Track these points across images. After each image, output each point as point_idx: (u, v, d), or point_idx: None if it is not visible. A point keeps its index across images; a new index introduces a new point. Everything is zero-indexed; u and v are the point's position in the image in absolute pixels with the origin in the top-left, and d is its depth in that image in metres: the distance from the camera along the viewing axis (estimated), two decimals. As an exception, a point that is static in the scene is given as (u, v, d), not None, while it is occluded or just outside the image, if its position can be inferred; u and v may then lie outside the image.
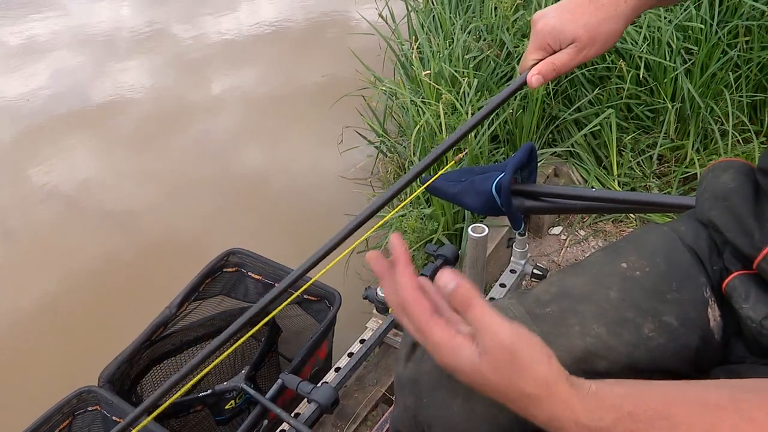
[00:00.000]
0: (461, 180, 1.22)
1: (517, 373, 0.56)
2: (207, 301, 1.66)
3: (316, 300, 1.59)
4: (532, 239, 2.22)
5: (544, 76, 0.89)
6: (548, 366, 0.56)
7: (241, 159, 3.15)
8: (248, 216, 2.74)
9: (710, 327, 0.73)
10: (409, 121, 2.41)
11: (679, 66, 2.26)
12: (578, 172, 2.33)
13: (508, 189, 1.13)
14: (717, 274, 0.75)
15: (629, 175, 2.32)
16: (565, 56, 0.89)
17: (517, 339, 0.56)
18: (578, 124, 2.40)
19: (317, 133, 3.23)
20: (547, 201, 1.17)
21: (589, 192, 1.21)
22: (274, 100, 3.63)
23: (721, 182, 0.77)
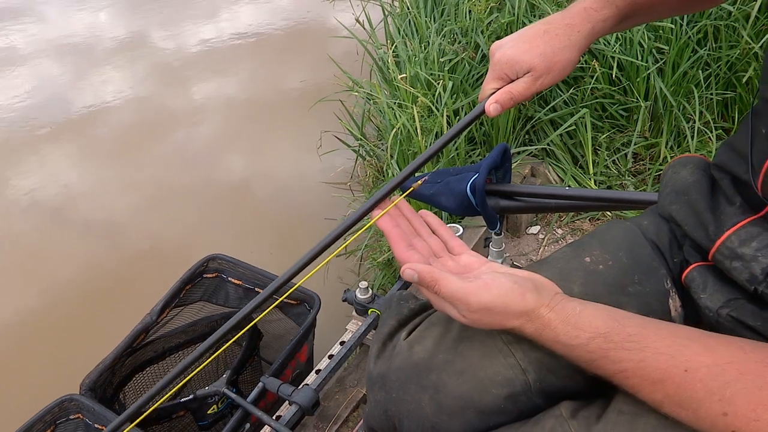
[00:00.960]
0: (437, 181, 1.23)
1: (498, 318, 0.66)
2: (188, 307, 1.66)
3: (296, 304, 1.60)
4: (511, 239, 2.25)
5: (501, 105, 0.91)
6: (522, 301, 0.65)
7: (222, 165, 3.15)
8: (229, 222, 2.74)
9: (672, 317, 0.76)
10: (387, 125, 2.42)
11: (651, 65, 2.30)
12: (555, 172, 2.35)
13: (482, 189, 1.14)
14: (677, 266, 0.78)
15: (605, 173, 2.35)
16: (522, 85, 0.91)
17: (485, 296, 0.65)
18: (554, 124, 2.43)
19: (297, 138, 3.24)
20: (522, 200, 1.19)
21: (562, 191, 1.23)
22: (254, 106, 3.63)
23: (680, 178, 0.79)
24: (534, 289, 0.67)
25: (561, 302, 0.66)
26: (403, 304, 0.83)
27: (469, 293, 0.65)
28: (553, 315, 0.64)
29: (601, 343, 0.62)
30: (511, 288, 0.66)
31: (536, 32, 0.92)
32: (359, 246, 2.27)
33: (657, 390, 0.59)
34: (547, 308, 0.65)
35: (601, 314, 0.64)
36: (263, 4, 4.91)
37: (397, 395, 0.73)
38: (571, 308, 0.65)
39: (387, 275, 2.14)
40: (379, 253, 2.14)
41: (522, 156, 2.35)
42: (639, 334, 0.61)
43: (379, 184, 2.60)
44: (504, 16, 2.45)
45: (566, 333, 0.63)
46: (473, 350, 0.72)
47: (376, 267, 2.19)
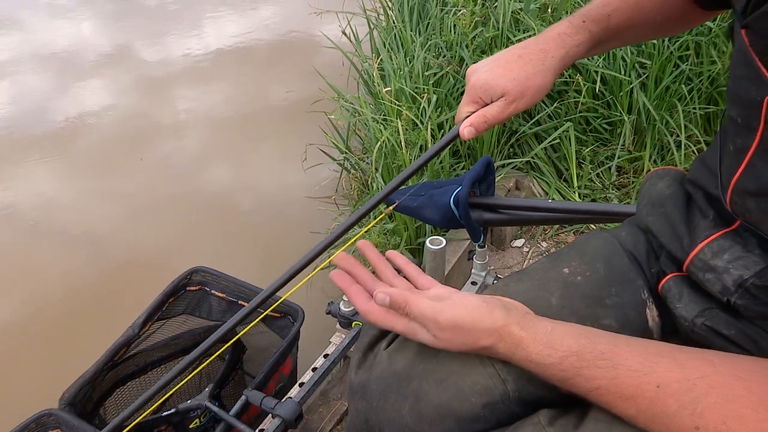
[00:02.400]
0: (420, 194, 1.25)
1: (469, 337, 0.68)
2: (171, 321, 1.66)
3: (279, 316, 1.61)
4: (495, 252, 2.27)
5: (476, 128, 0.94)
6: (491, 318, 0.67)
7: (206, 178, 3.15)
8: (213, 235, 2.74)
9: (649, 327, 0.77)
10: (372, 138, 2.45)
11: (634, 79, 2.35)
12: (539, 185, 2.38)
13: (466, 202, 1.16)
14: (654, 276, 0.80)
15: (589, 186, 2.38)
16: (496, 109, 0.94)
17: (454, 313, 0.68)
18: (538, 137, 2.47)
19: (282, 151, 3.25)
20: (506, 213, 1.21)
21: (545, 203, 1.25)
22: (239, 118, 3.64)
23: (657, 190, 0.81)
24: (502, 306, 0.69)
25: (532, 321, 0.68)
26: None
27: (438, 311, 0.68)
28: (525, 333, 0.66)
29: (574, 362, 0.63)
30: (479, 305, 0.68)
31: (511, 57, 0.94)
32: (344, 259, 2.28)
33: (630, 406, 0.61)
34: (517, 326, 0.67)
35: (572, 332, 0.66)
36: (248, 17, 4.94)
37: (378, 404, 0.74)
38: (542, 327, 0.67)
39: (371, 288, 2.15)
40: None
41: (506, 169, 2.38)
42: (611, 352, 0.63)
43: (363, 197, 2.62)
44: (488, 31, 2.49)
45: (539, 352, 0.65)
46: (453, 359, 0.74)
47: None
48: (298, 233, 2.59)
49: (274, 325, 1.63)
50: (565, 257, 0.82)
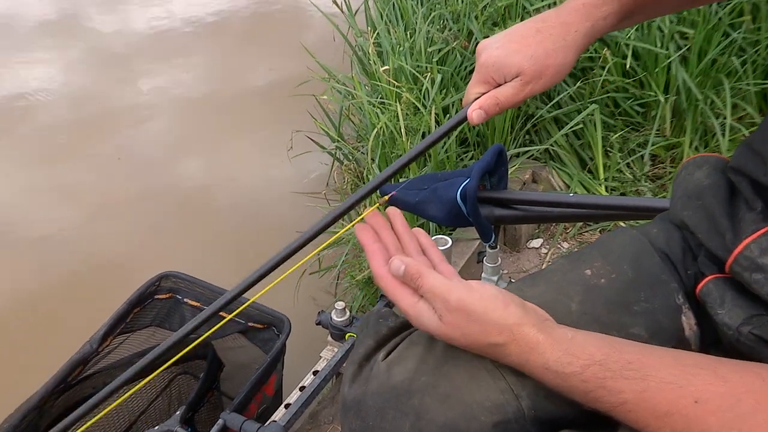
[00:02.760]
0: (423, 188, 1.25)
1: (476, 328, 0.68)
2: (136, 334, 1.66)
3: (262, 328, 1.61)
4: (509, 254, 2.28)
5: (486, 112, 0.95)
6: (505, 311, 0.68)
7: (176, 171, 3.15)
8: (185, 236, 2.75)
9: (685, 336, 0.78)
10: (367, 124, 2.45)
11: (673, 53, 2.30)
12: (559, 177, 2.39)
13: (474, 196, 1.16)
14: (691, 278, 0.80)
15: (618, 178, 2.38)
16: (510, 90, 0.94)
17: (467, 296, 0.69)
18: (558, 122, 2.47)
19: (264, 139, 3.25)
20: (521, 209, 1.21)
21: (566, 197, 1.26)
22: (213, 101, 3.64)
23: (694, 180, 0.82)
24: (520, 304, 0.70)
25: (551, 325, 0.68)
26: (382, 322, 0.85)
27: (449, 289, 0.70)
28: (542, 337, 0.66)
29: (597, 372, 0.63)
30: (494, 295, 0.69)
31: (527, 31, 0.94)
32: (335, 262, 2.29)
33: (663, 425, 0.61)
34: (534, 328, 0.67)
35: (595, 340, 0.66)
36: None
37: (374, 423, 0.75)
38: (562, 333, 0.67)
39: (367, 295, 2.16)
40: (358, 271, 2.16)
41: (521, 159, 2.39)
42: (639, 362, 0.63)
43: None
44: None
45: (557, 359, 0.65)
46: (459, 372, 0.74)
47: (354, 286, 2.21)
48: (282, 233, 2.59)
49: (256, 338, 1.64)
50: (587, 257, 0.83)
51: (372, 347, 0.82)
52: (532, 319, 0.68)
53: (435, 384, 0.74)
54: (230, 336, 1.69)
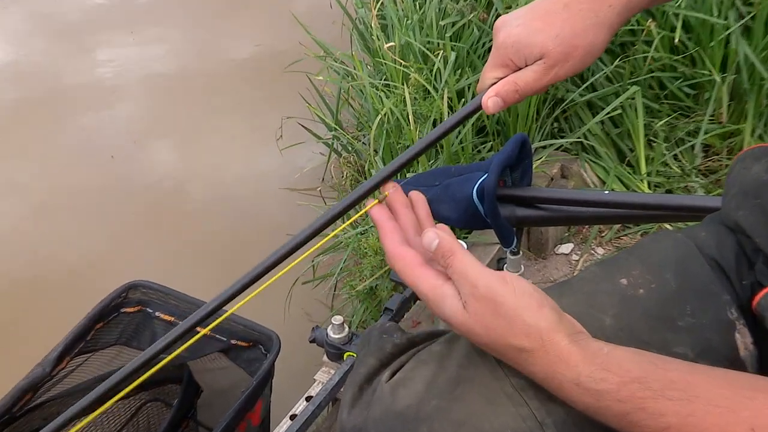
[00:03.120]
0: (434, 184, 1.26)
1: (502, 324, 0.70)
2: (98, 354, 1.65)
3: (247, 346, 1.62)
4: (534, 261, 2.29)
5: (503, 99, 0.95)
6: (538, 313, 0.69)
7: (143, 163, 3.16)
8: (156, 239, 2.75)
9: (740, 357, 0.77)
10: (369, 110, 2.46)
11: (733, 23, 2.28)
12: (593, 171, 2.40)
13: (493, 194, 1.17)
14: (747, 289, 0.80)
15: (663, 173, 2.39)
16: (531, 75, 0.94)
17: (498, 286, 0.70)
18: (592, 107, 2.48)
19: (249, 127, 3.26)
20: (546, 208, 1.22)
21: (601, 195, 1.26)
22: (187, 81, 3.64)
23: (752, 174, 0.82)
24: (555, 309, 0.71)
25: (585, 339, 0.69)
26: (386, 338, 0.85)
27: (482, 275, 0.72)
28: (575, 348, 0.67)
29: (636, 390, 0.64)
30: (529, 292, 0.71)
31: (554, 6, 0.94)
32: (332, 270, 2.30)
33: None
34: (567, 337, 0.68)
35: (634, 356, 0.67)
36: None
37: None
38: (596, 346, 0.68)
39: (369, 308, 2.17)
40: (358, 280, 2.17)
41: (548, 151, 2.40)
42: (684, 381, 0.64)
43: (359, 188, 2.64)
44: (526, -36, 2.51)
45: (590, 374, 0.66)
46: (475, 395, 0.75)
47: (354, 298, 2.22)
48: (271, 236, 2.60)
49: (240, 358, 1.65)
50: (624, 264, 0.83)
51: (375, 367, 0.83)
52: (566, 327, 0.69)
53: (447, 409, 0.75)
54: (209, 356, 1.69)
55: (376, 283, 2.12)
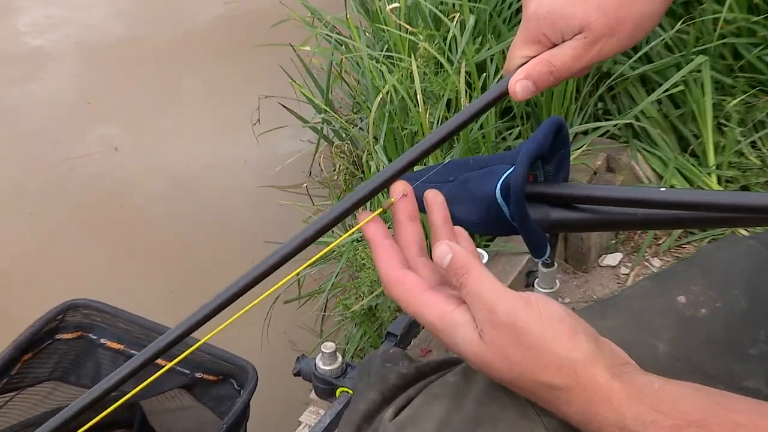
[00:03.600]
0: (447, 179, 1.27)
1: (527, 357, 0.70)
2: (26, 393, 1.64)
3: (215, 380, 1.63)
4: (572, 275, 2.30)
5: (535, 83, 0.95)
6: (570, 342, 0.70)
7: (81, 151, 3.18)
8: (101, 249, 2.76)
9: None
10: (368, 87, 2.47)
11: None
12: (647, 163, 2.41)
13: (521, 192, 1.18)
14: None
15: (737, 164, 2.40)
16: (569, 53, 0.94)
17: (521, 310, 0.71)
18: (647, 82, 2.49)
19: (216, 107, 3.27)
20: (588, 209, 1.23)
21: (657, 193, 1.26)
22: (137, 49, 3.66)
23: None
24: (592, 335, 0.71)
25: (630, 371, 0.70)
26: (390, 367, 0.86)
27: (501, 298, 0.72)
28: (618, 384, 0.68)
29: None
30: (560, 317, 0.71)
31: None
32: (322, 286, 2.31)
33: None
34: (607, 371, 0.68)
35: (692, 393, 0.68)
36: None
37: None
38: (645, 381, 0.69)
39: (367, 333, 2.17)
40: (354, 298, 2.17)
41: (591, 137, 2.41)
42: (754, 425, 0.64)
43: (355, 184, 2.64)
44: None
45: (637, 416, 0.66)
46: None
47: (348, 320, 2.23)
48: (245, 245, 2.62)
49: (207, 395, 1.65)
50: (682, 278, 0.84)
51: (376, 402, 0.84)
52: (606, 358, 0.70)
53: None
54: (168, 393, 1.71)
55: (375, 301, 2.12)
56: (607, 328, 0.80)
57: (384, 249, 0.83)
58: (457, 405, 0.80)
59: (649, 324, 0.82)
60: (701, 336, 0.81)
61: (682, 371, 0.78)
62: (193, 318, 0.88)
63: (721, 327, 0.81)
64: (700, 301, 0.82)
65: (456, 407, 0.79)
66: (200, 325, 0.88)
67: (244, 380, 1.58)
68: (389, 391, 0.85)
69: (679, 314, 0.82)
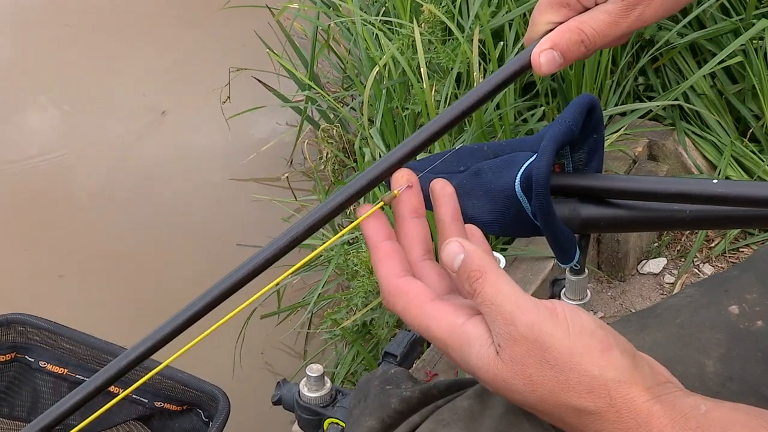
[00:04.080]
0: (458, 170, 1.28)
1: (553, 376, 0.71)
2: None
3: (179, 410, 1.64)
4: (607, 284, 2.32)
5: (563, 53, 0.94)
6: (603, 360, 0.71)
7: (5, 135, 3.20)
8: (35, 255, 2.77)
9: None
10: (362, 59, 2.48)
11: None
12: (698, 150, 2.43)
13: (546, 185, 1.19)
14: None
15: (809, 153, 2.42)
16: (603, 18, 0.93)
17: (545, 323, 0.72)
18: (697, 52, 2.51)
19: (177, 82, 3.29)
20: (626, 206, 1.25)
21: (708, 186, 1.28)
22: (83, 13, 3.66)
23: None
24: (629, 351, 0.72)
25: (673, 393, 0.71)
26: (391, 390, 0.88)
27: (523, 308, 0.73)
28: (659, 408, 0.69)
29: None
30: (591, 329, 0.72)
31: None
32: (306, 297, 2.33)
33: None
34: (646, 392, 0.70)
35: (744, 418, 0.69)
36: None
37: None
38: (690, 403, 0.70)
39: (361, 354, 2.18)
40: (345, 312, 2.18)
41: (630, 119, 2.43)
42: None
43: (346, 175, 2.66)
44: None
45: None
46: None
47: (339, 339, 2.23)
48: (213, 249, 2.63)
49: (169, 428, 1.67)
50: (734, 285, 0.86)
51: (375, 430, 0.86)
52: (645, 377, 0.71)
53: None
54: (122, 426, 1.72)
55: (371, 316, 2.13)
56: (646, 344, 0.82)
57: (385, 252, 0.83)
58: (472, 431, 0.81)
59: (696, 338, 0.83)
60: (757, 352, 0.82)
61: (734, 393, 0.80)
62: (154, 336, 0.87)
63: None
64: (757, 312, 0.84)
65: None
66: (163, 344, 0.88)
67: (213, 410, 1.59)
68: (390, 418, 0.86)
69: (731, 327, 0.84)
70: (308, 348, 2.38)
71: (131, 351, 0.87)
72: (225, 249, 2.56)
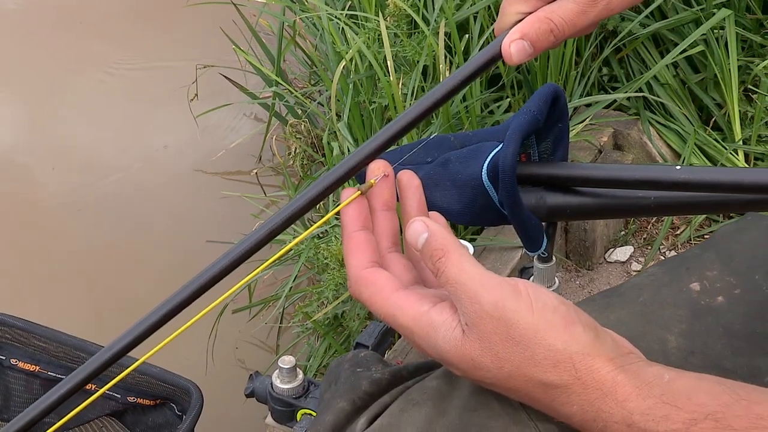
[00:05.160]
0: (425, 161, 1.29)
1: (518, 352, 0.72)
2: None
3: (152, 404, 1.64)
4: (575, 272, 2.34)
5: (533, 43, 0.94)
6: (567, 334, 0.72)
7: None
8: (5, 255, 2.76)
9: None
10: (329, 53, 2.49)
11: None
12: (662, 139, 2.44)
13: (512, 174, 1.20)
14: None
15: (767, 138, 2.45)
16: (572, 7, 0.93)
17: (509, 300, 0.73)
18: (659, 42, 2.52)
19: (142, 79, 3.27)
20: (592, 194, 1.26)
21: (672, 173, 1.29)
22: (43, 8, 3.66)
23: None
24: (590, 325, 0.74)
25: (636, 363, 0.72)
26: (361, 372, 0.89)
27: (487, 286, 0.74)
28: (623, 377, 0.70)
29: (710, 430, 0.68)
30: (554, 305, 0.73)
31: None
32: (278, 291, 2.33)
33: None
34: (610, 363, 0.71)
35: (707, 385, 0.70)
36: None
37: None
38: (654, 372, 0.71)
39: (333, 346, 2.17)
40: (316, 305, 2.19)
41: (595, 110, 2.43)
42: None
43: (315, 170, 2.66)
44: None
45: (646, 411, 0.69)
46: None
47: (310, 332, 2.25)
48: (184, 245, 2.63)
49: (142, 423, 1.66)
50: (695, 263, 0.87)
51: (346, 412, 0.86)
52: (608, 349, 0.72)
53: None
54: (94, 422, 1.72)
55: (342, 308, 2.14)
56: (610, 321, 0.83)
57: (356, 243, 0.84)
58: (439, 411, 0.82)
59: (658, 315, 0.85)
60: (718, 327, 0.84)
61: (696, 367, 0.81)
62: (132, 332, 0.88)
63: (740, 317, 0.84)
64: (717, 289, 0.85)
65: (438, 414, 0.81)
66: (142, 340, 0.88)
67: (186, 404, 1.58)
68: (361, 399, 0.87)
69: (692, 303, 0.85)
70: (281, 342, 2.38)
71: (109, 348, 0.88)
72: (195, 245, 2.56)
